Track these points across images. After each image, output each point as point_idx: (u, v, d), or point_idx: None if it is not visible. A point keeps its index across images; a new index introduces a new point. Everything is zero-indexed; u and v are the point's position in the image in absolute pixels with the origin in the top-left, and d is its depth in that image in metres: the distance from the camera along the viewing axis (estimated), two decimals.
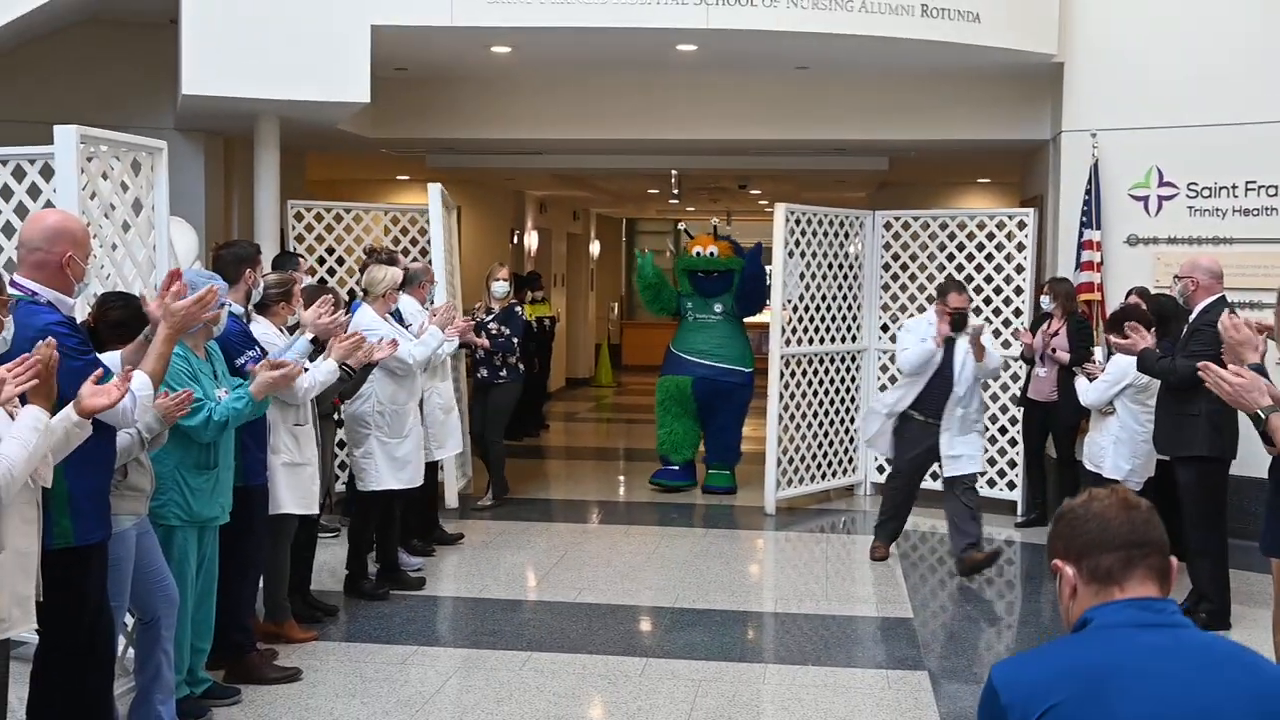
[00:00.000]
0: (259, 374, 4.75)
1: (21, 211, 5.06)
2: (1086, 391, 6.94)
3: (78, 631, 3.86)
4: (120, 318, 4.25)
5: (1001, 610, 7.17)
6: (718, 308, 9.99)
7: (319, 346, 5.67)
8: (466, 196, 12.99)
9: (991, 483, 9.27)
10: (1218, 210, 8.62)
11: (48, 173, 4.93)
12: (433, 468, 7.69)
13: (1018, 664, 2.12)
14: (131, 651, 4.60)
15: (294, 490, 5.53)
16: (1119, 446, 6.78)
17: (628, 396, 18.36)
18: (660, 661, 5.72)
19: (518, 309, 9.27)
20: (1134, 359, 6.37)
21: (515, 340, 8.92)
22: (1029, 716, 1.98)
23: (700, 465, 10.09)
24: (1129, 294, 7.68)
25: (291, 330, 5.76)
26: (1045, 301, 8.45)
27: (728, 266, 9.91)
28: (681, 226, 11.00)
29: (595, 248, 21.90)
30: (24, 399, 3.29)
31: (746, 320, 10.38)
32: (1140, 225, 8.83)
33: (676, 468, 9.91)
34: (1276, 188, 8.45)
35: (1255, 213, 8.50)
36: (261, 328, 5.49)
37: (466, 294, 10.01)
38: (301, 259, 7.58)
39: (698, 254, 10.01)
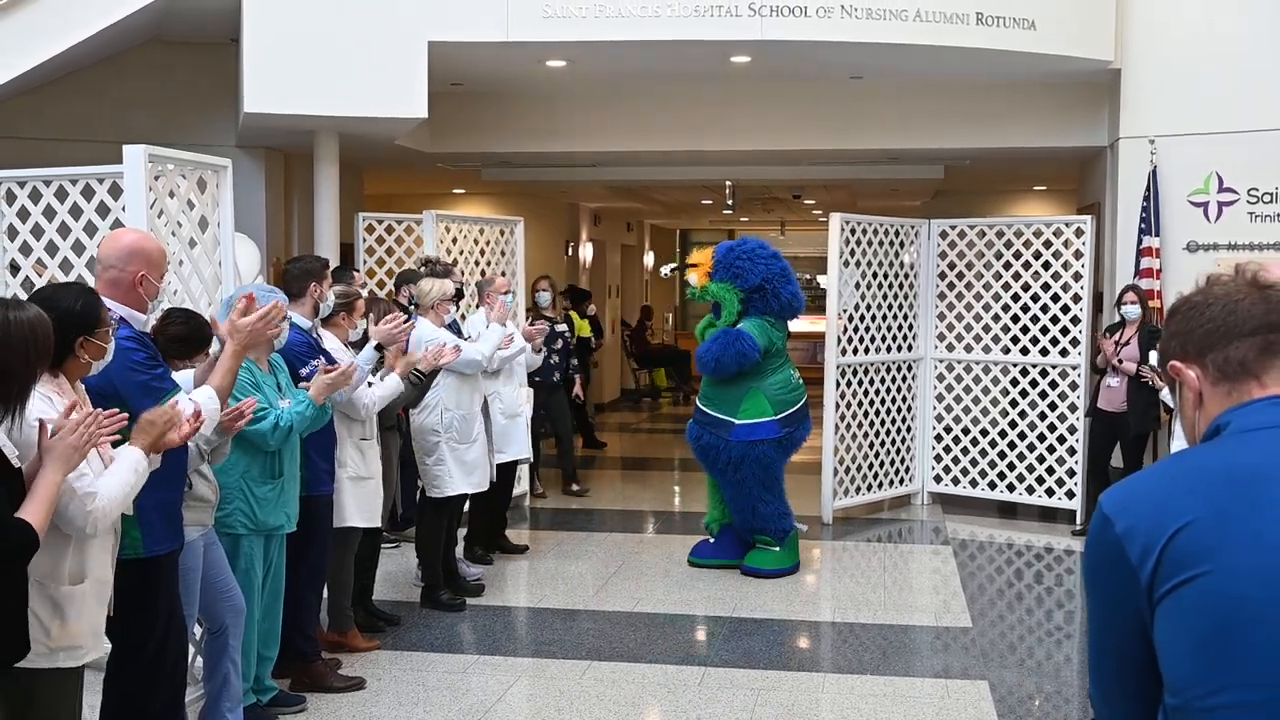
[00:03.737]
0: (316, 378, 4.84)
1: (91, 229, 5.18)
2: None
3: (149, 642, 3.94)
4: (181, 333, 4.33)
5: (1061, 619, 7.12)
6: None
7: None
8: (521, 209, 13.08)
9: (1050, 491, 9.21)
10: (1278, 216, 8.52)
11: (115, 191, 5.05)
12: (504, 475, 7.79)
13: (1134, 484, 1.68)
14: (200, 660, 4.69)
15: (359, 503, 5.62)
16: None
17: (682, 407, 18.38)
18: (719, 670, 5.74)
19: (558, 326, 9.39)
20: None
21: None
22: (1155, 542, 1.58)
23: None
24: None
25: (358, 345, 5.85)
26: (1131, 310, 8.33)
27: (704, 299, 7.57)
28: (666, 271, 8.91)
29: (650, 259, 21.95)
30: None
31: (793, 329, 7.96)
32: (1200, 231, 8.75)
33: (711, 540, 7.87)
34: None
35: None
36: (329, 342, 5.58)
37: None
38: (355, 273, 7.68)
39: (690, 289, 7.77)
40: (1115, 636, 1.68)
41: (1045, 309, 9.20)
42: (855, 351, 9.24)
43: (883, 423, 9.50)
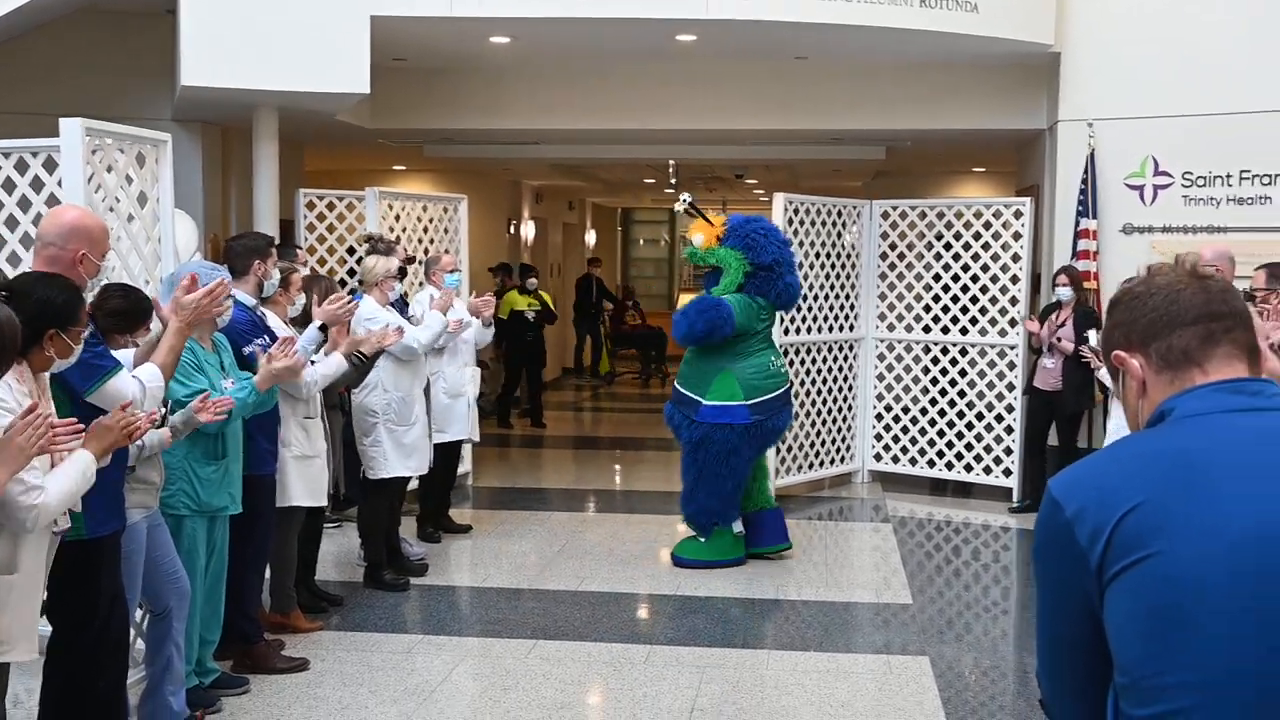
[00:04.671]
0: (263, 367, 4.79)
1: (24, 204, 5.07)
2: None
3: (90, 625, 3.89)
4: (120, 307, 4.23)
5: (998, 595, 7.23)
6: None
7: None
8: (463, 186, 12.98)
9: (988, 470, 9.34)
10: (1212, 199, 8.69)
11: (50, 165, 4.94)
12: (448, 455, 7.76)
13: (1081, 468, 1.70)
14: (141, 643, 4.63)
15: (303, 482, 5.58)
16: None
17: (624, 386, 18.42)
18: (664, 648, 5.77)
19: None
20: None
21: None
22: (1104, 524, 1.60)
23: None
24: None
25: (296, 321, 5.79)
26: (1064, 292, 8.45)
27: (706, 261, 7.25)
28: (681, 204, 7.52)
29: (591, 237, 21.91)
30: None
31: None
32: (1136, 214, 8.89)
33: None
34: (1270, 176, 8.52)
35: (1249, 201, 8.57)
36: (272, 320, 5.51)
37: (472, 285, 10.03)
38: (299, 250, 7.58)
39: (692, 244, 7.38)
40: (1064, 618, 1.71)
41: (985, 289, 9.31)
42: (797, 331, 9.29)
43: (824, 401, 9.57)
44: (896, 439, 9.81)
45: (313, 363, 5.46)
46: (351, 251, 9.17)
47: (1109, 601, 1.62)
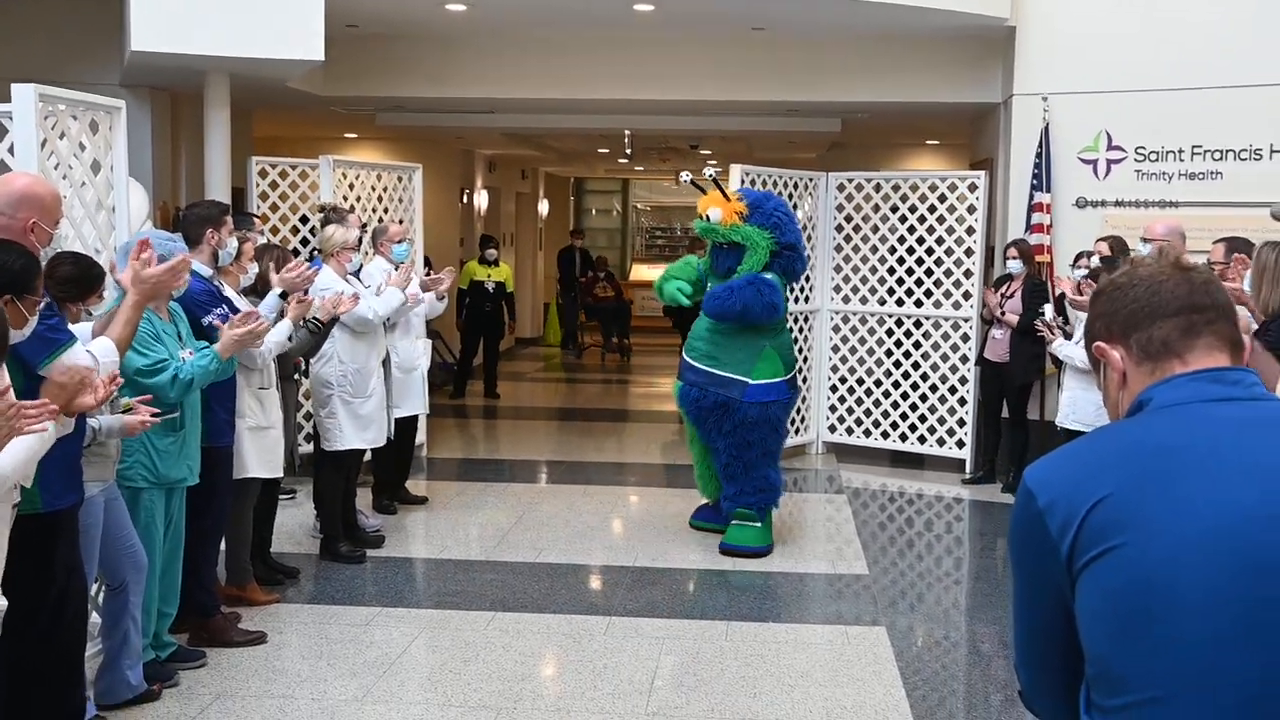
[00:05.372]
0: (225, 333, 4.73)
1: None
2: (1073, 355, 7.00)
3: (47, 600, 3.84)
4: (70, 273, 4.13)
5: (951, 565, 7.31)
6: None
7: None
8: (416, 155, 12.88)
9: (941, 441, 9.43)
10: (1164, 174, 8.78)
11: None
12: (404, 429, 7.73)
13: (1056, 459, 1.71)
14: (98, 617, 4.58)
15: (260, 454, 5.53)
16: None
17: (588, 358, 18.40)
18: (623, 620, 5.79)
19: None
20: None
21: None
22: (1074, 515, 1.60)
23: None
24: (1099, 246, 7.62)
25: (250, 292, 5.73)
26: (1014, 265, 8.52)
27: (729, 238, 6.88)
28: (708, 174, 7.05)
29: (544, 207, 21.81)
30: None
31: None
32: (1089, 188, 8.96)
33: (708, 503, 7.56)
34: (1222, 152, 8.61)
35: (1201, 176, 8.66)
36: (230, 290, 5.45)
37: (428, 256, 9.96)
38: (256, 219, 7.48)
39: (707, 219, 6.91)
40: (1039, 609, 1.72)
41: (939, 262, 9.37)
42: None
43: None
44: (851, 410, 9.87)
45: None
46: (305, 220, 9.06)
47: (1079, 592, 1.62)
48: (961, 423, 9.31)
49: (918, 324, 9.58)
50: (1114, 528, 1.58)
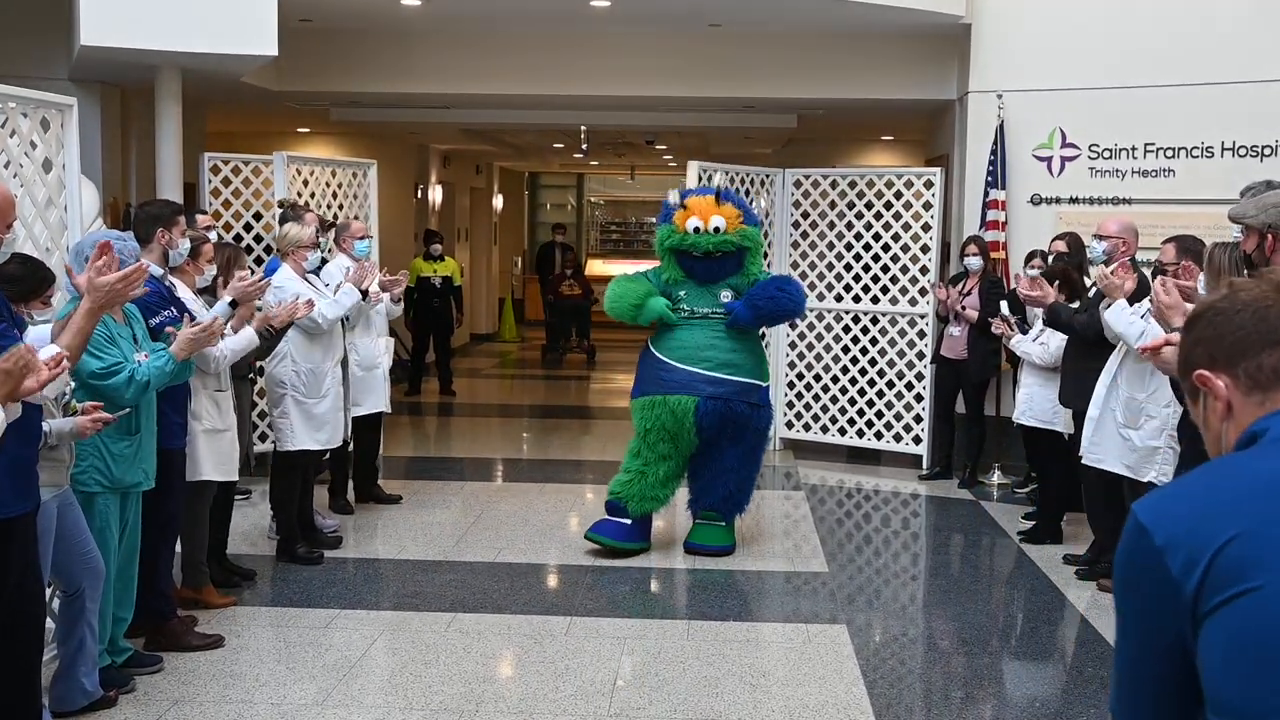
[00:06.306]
0: (181, 333, 4.66)
1: None
2: (1044, 354, 7.01)
3: (0, 606, 3.77)
4: (15, 273, 4.05)
5: (908, 562, 7.35)
6: (726, 295, 6.75)
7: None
8: (370, 150, 12.76)
9: (898, 437, 9.48)
10: (1118, 171, 8.86)
11: None
12: (369, 426, 7.68)
13: (1171, 495, 1.58)
14: (53, 624, 4.50)
15: (215, 456, 5.46)
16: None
17: (532, 351, 18.34)
18: (584, 620, 5.77)
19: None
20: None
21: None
22: (1199, 554, 1.48)
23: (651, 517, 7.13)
24: (1053, 244, 7.66)
25: (204, 292, 5.66)
26: (973, 261, 8.56)
27: (739, 243, 6.64)
28: (719, 180, 6.87)
29: (499, 202, 21.73)
30: None
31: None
32: (1044, 185, 9.04)
33: (629, 521, 6.83)
34: (1174, 150, 8.70)
35: (1154, 174, 8.75)
36: (181, 291, 5.37)
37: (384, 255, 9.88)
38: (202, 214, 7.37)
39: (696, 230, 6.58)
40: (1151, 653, 1.60)
41: (895, 259, 9.42)
42: None
43: None
44: (808, 406, 9.91)
45: (222, 337, 5.34)
46: (258, 217, 8.96)
47: (1204, 637, 1.50)
48: (918, 419, 9.37)
49: (874, 320, 9.62)
50: (1247, 569, 1.47)
